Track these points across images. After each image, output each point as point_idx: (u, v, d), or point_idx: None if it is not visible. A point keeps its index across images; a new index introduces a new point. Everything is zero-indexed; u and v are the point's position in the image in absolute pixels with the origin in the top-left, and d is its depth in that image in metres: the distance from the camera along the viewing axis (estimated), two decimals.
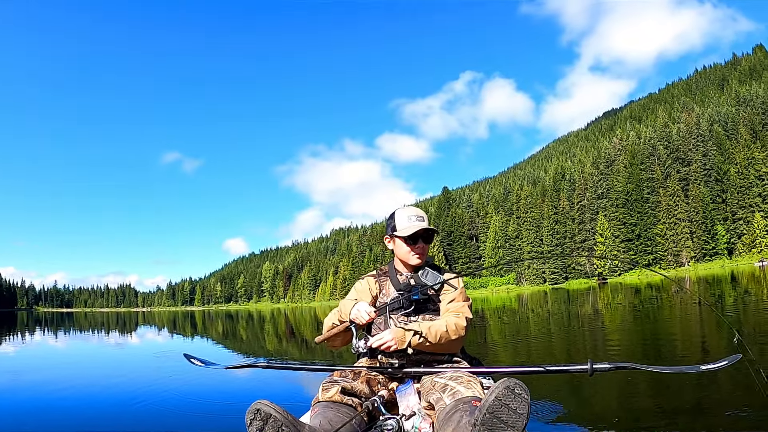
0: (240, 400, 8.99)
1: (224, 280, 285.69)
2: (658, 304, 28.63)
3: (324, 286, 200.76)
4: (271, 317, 56.26)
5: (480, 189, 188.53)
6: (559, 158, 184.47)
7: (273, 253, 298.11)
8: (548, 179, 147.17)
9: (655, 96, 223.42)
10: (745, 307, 20.90)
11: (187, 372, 12.49)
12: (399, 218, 4.03)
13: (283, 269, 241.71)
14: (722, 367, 3.18)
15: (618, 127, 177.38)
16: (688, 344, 12.51)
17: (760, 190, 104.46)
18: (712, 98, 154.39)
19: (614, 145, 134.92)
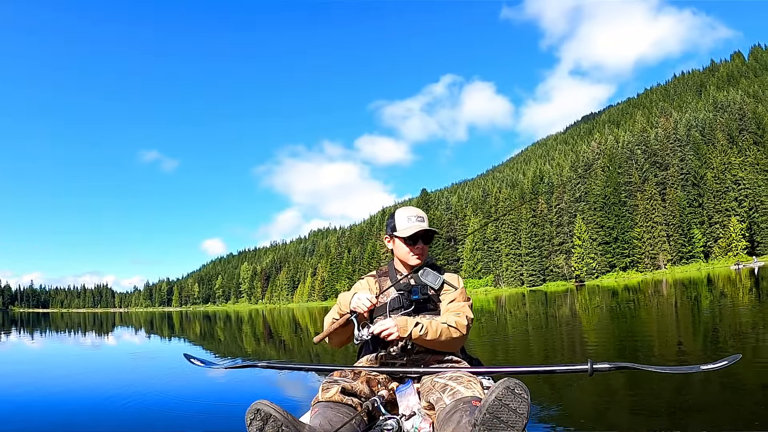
0: (240, 400, 9.07)
1: (202, 281, 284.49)
2: (636, 305, 28.83)
3: (302, 287, 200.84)
4: (249, 318, 56.13)
5: (459, 191, 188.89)
6: (537, 161, 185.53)
7: (251, 254, 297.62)
8: (527, 182, 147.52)
9: (633, 101, 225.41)
10: (721, 309, 21.13)
11: (176, 373, 12.93)
12: (399, 218, 4.05)
13: (261, 270, 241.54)
14: (722, 367, 3.18)
15: (596, 131, 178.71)
16: (665, 344, 12.68)
17: (736, 194, 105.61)
18: (690, 104, 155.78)
19: (592, 149, 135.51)
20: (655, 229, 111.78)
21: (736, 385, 7.03)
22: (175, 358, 16.48)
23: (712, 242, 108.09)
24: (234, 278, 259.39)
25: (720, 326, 15.05)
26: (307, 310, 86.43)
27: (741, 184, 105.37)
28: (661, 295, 35.55)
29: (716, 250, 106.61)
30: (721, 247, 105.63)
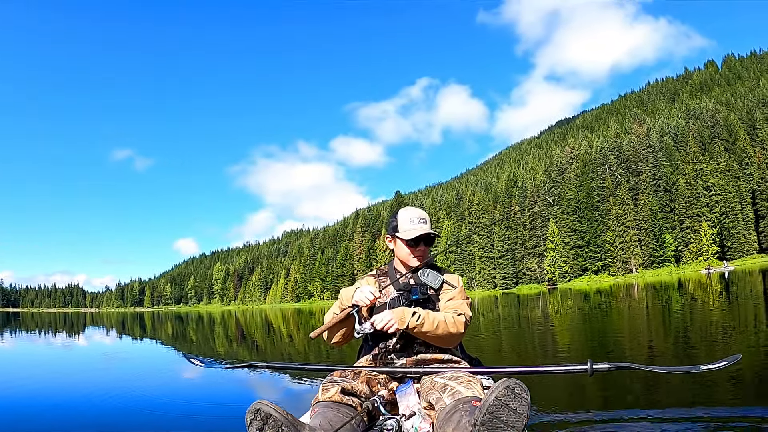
0: (240, 400, 9.16)
1: (174, 281, 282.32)
2: (608, 308, 29.05)
3: (275, 288, 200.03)
4: (222, 319, 55.83)
5: (432, 194, 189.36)
6: (511, 165, 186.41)
7: (224, 255, 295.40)
8: (500, 186, 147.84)
9: (607, 107, 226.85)
10: (691, 312, 21.34)
11: (175, 373, 13.23)
12: (401, 219, 4.05)
13: (234, 271, 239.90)
14: (722, 367, 3.20)
15: (570, 136, 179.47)
16: (637, 346, 12.80)
17: (707, 200, 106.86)
18: (663, 111, 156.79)
19: (566, 154, 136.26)
20: (627, 234, 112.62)
21: (737, 384, 7.08)
22: (157, 359, 16.46)
23: (683, 247, 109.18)
24: (206, 279, 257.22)
25: (690, 328, 15.37)
26: (280, 311, 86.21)
27: (712, 190, 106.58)
28: (632, 298, 35.82)
29: (687, 255, 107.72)
30: (692, 251, 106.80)
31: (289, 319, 46.71)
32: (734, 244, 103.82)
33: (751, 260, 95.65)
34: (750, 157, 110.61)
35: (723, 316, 17.99)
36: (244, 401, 8.99)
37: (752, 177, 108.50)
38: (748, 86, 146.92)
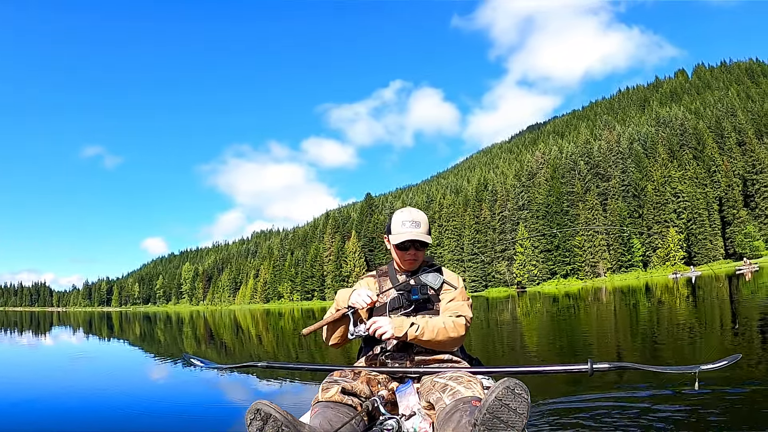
0: (240, 400, 9.20)
1: (143, 281, 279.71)
2: (576, 311, 29.33)
3: (244, 288, 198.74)
4: (190, 320, 55.56)
5: (403, 196, 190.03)
6: (482, 169, 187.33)
7: (193, 254, 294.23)
8: (471, 189, 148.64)
9: (578, 113, 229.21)
10: (658, 314, 21.55)
11: (174, 373, 13.32)
12: (394, 221, 3.99)
13: (203, 271, 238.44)
14: (722, 366, 3.19)
15: (541, 141, 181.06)
16: (604, 346, 13.03)
17: (675, 206, 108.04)
18: (633, 118, 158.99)
19: (537, 159, 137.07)
20: (595, 238, 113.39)
21: (736, 384, 7.04)
22: (143, 360, 16.33)
23: (651, 252, 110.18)
24: (175, 278, 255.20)
25: (657, 331, 15.59)
26: (249, 312, 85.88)
27: (680, 196, 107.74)
28: (600, 301, 36.06)
29: (654, 260, 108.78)
30: (660, 256, 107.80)
31: (258, 320, 46.60)
32: (701, 250, 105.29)
33: (717, 265, 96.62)
34: (718, 165, 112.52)
35: (689, 319, 18.23)
36: (244, 401, 9.09)
37: (719, 184, 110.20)
38: (717, 96, 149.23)
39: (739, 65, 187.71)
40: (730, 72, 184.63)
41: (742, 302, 23.50)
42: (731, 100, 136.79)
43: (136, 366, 16.25)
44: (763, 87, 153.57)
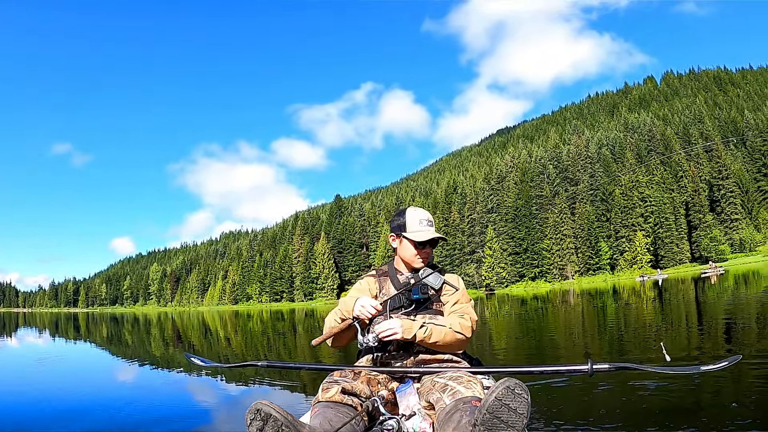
0: (240, 400, 9.22)
1: (110, 281, 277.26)
2: (544, 313, 29.59)
3: (213, 290, 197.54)
4: (158, 321, 55.22)
5: (372, 198, 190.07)
6: (452, 172, 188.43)
7: (161, 255, 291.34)
8: (440, 192, 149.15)
9: (548, 117, 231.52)
10: (625, 316, 21.82)
11: (173, 373, 13.30)
12: (410, 220, 3.97)
13: (171, 272, 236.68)
14: (723, 367, 3.19)
15: (511, 144, 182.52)
16: (571, 347, 13.37)
17: (643, 210, 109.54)
18: (602, 123, 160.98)
19: (506, 162, 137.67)
20: (564, 242, 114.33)
21: (736, 384, 7.13)
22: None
23: (618, 255, 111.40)
24: (143, 279, 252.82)
25: (624, 331, 15.88)
26: (218, 313, 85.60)
27: (647, 201, 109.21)
28: (568, 303, 36.32)
29: (622, 263, 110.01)
30: (627, 259, 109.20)
31: (227, 321, 46.54)
32: (667, 253, 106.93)
33: (683, 268, 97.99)
34: (684, 171, 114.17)
35: (655, 319, 18.67)
36: (244, 401, 9.04)
37: (686, 189, 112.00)
38: (685, 102, 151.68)
39: (707, 73, 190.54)
40: (698, 79, 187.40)
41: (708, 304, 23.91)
42: (699, 107, 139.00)
43: (135, 365, 16.05)
44: (730, 95, 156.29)
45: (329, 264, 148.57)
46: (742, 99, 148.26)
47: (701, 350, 10.55)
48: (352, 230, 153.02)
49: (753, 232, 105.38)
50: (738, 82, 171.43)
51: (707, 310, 20.94)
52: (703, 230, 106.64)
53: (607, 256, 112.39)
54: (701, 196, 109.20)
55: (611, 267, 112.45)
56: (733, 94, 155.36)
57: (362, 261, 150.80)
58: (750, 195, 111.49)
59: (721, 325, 14.56)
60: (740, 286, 34.25)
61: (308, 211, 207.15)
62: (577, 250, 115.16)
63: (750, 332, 12.62)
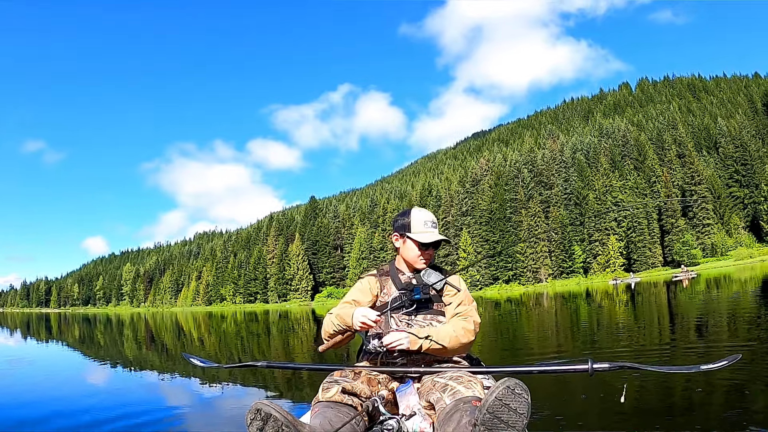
0: (240, 400, 9.35)
1: (82, 281, 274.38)
2: (518, 315, 29.96)
3: (186, 290, 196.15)
4: (131, 322, 55.12)
5: (347, 200, 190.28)
6: (427, 174, 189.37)
7: (134, 255, 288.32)
8: (415, 194, 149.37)
9: (523, 121, 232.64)
10: (599, 317, 22.20)
11: (173, 373, 13.57)
12: (415, 221, 3.96)
13: (144, 272, 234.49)
14: (722, 367, 3.21)
15: (486, 148, 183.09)
16: (544, 347, 13.60)
17: (616, 215, 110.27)
18: (577, 128, 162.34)
19: (481, 166, 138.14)
20: (537, 245, 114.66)
21: (736, 384, 7.17)
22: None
23: (592, 259, 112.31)
24: (116, 279, 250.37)
25: (597, 332, 16.47)
26: (191, 314, 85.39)
27: (620, 205, 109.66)
28: (542, 306, 36.58)
29: (595, 266, 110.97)
30: (600, 263, 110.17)
31: (201, 323, 46.60)
32: (640, 257, 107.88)
33: (656, 272, 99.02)
34: (658, 176, 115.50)
35: (627, 321, 19.29)
36: (244, 401, 9.08)
37: (659, 194, 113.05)
38: (659, 109, 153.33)
39: (682, 80, 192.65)
40: (672, 86, 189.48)
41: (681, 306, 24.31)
42: (673, 113, 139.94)
43: (133, 368, 16.05)
44: (704, 102, 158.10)
45: (303, 265, 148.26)
46: (716, 106, 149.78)
47: (674, 348, 10.74)
48: (327, 232, 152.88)
49: (724, 237, 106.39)
50: (712, 90, 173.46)
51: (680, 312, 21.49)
52: (675, 235, 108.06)
53: (580, 260, 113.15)
54: (674, 202, 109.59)
55: (584, 270, 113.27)
56: (707, 102, 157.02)
57: (336, 263, 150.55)
58: (722, 200, 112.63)
59: (693, 327, 14.95)
60: (712, 290, 34.69)
61: (283, 212, 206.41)
62: (550, 254, 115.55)
63: (722, 332, 12.89)
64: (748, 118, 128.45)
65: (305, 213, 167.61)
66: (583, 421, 5.96)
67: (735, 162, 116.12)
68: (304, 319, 43.32)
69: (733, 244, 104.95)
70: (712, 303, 23.95)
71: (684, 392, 7.05)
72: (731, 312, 18.37)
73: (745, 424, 5.37)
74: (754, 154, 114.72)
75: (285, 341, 22.80)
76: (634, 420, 5.80)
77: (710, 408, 6.15)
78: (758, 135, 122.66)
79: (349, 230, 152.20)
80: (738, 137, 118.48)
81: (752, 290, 29.44)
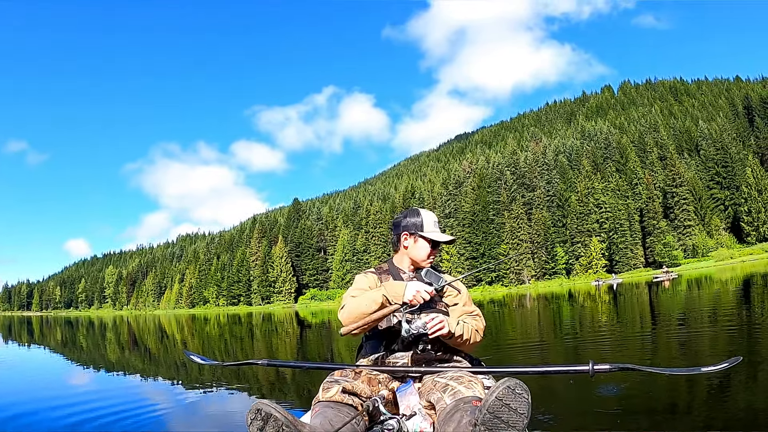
0: (240, 400, 9.29)
1: (64, 284, 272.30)
2: (500, 316, 29.96)
3: (169, 293, 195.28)
4: (114, 325, 54.75)
5: (330, 202, 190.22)
6: (410, 176, 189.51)
7: (117, 257, 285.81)
8: (398, 196, 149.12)
9: (506, 124, 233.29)
10: (581, 318, 22.29)
11: (172, 374, 13.62)
12: (427, 220, 4.00)
13: (126, 274, 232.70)
14: (723, 368, 3.23)
15: (469, 150, 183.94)
16: (527, 348, 13.56)
17: (598, 216, 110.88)
18: (560, 131, 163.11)
19: (464, 168, 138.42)
20: (520, 246, 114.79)
21: (736, 385, 7.19)
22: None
23: (574, 260, 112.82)
24: (98, 282, 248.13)
25: (579, 332, 16.72)
26: (174, 317, 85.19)
27: (602, 207, 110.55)
28: (524, 307, 36.71)
29: (577, 268, 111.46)
30: (582, 264, 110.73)
31: (184, 325, 46.50)
32: (622, 258, 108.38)
33: (637, 273, 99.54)
34: (639, 178, 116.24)
35: (610, 321, 19.44)
36: (244, 401, 9.05)
37: (641, 196, 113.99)
38: (641, 112, 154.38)
39: (663, 83, 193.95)
40: (654, 89, 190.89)
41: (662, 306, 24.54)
42: (654, 116, 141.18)
43: (117, 371, 15.98)
44: (686, 104, 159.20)
45: (287, 268, 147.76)
46: (697, 109, 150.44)
47: (654, 347, 10.79)
48: (310, 234, 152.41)
49: (705, 238, 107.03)
50: (693, 93, 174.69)
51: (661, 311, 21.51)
52: (656, 236, 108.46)
53: (562, 261, 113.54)
54: (655, 203, 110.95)
55: (567, 272, 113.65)
56: (689, 104, 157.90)
57: (320, 265, 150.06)
58: (703, 202, 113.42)
59: (675, 326, 14.98)
60: (693, 290, 34.91)
61: (266, 214, 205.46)
62: (533, 255, 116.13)
63: (704, 336, 12.87)
64: (729, 121, 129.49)
65: (288, 215, 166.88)
66: (583, 421, 5.98)
67: (716, 164, 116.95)
68: (287, 321, 43.26)
69: (714, 245, 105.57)
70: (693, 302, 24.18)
71: (684, 392, 7.07)
72: (712, 312, 18.46)
73: (745, 424, 5.39)
74: (734, 156, 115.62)
75: (269, 343, 22.79)
76: (635, 421, 5.83)
77: (711, 408, 6.16)
78: (739, 138, 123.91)
79: (333, 232, 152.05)
80: (719, 140, 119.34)
81: (733, 290, 29.65)
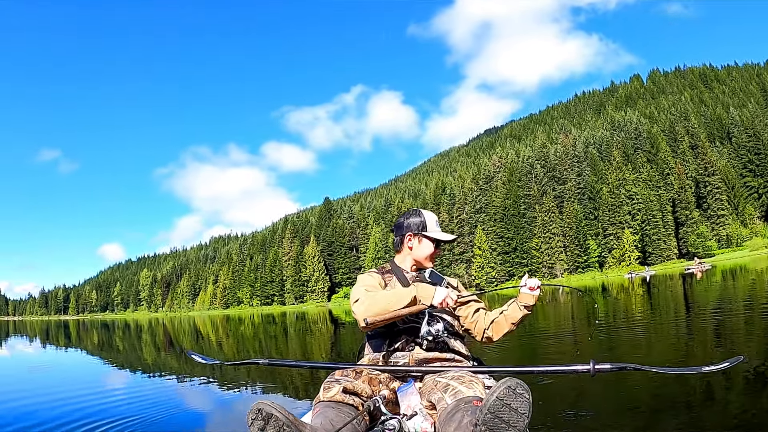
0: (241, 400, 9.14)
1: (100, 288, 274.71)
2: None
3: (203, 294, 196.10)
4: (149, 327, 54.64)
5: (361, 200, 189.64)
6: (440, 173, 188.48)
7: (150, 260, 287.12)
8: (429, 193, 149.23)
9: (535, 117, 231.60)
10: (615, 312, 21.96)
11: (172, 373, 13.44)
12: (429, 221, 4.05)
13: (161, 277, 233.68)
14: (724, 368, 3.20)
15: (498, 144, 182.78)
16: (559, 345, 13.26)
17: (630, 208, 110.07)
18: (589, 122, 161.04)
19: (494, 162, 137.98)
20: (552, 240, 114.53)
21: (737, 385, 7.11)
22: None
23: (607, 253, 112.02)
24: (133, 285, 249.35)
25: (614, 326, 15.88)
26: (209, 318, 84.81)
27: (634, 198, 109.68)
28: (557, 301, 36.24)
29: (610, 260, 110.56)
30: (615, 257, 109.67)
31: (218, 326, 46.25)
32: (655, 250, 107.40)
33: (671, 265, 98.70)
34: (671, 168, 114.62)
35: (644, 315, 18.92)
36: (245, 400, 9.04)
37: (672, 186, 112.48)
38: (671, 100, 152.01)
39: (693, 70, 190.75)
40: (683, 77, 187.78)
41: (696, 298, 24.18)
42: (684, 104, 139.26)
43: (128, 371, 15.88)
44: (716, 92, 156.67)
45: (319, 267, 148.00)
46: (728, 96, 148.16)
47: (690, 347, 10.73)
48: (342, 232, 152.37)
49: (739, 227, 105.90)
50: (723, 79, 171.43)
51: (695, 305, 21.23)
52: (689, 227, 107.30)
53: (595, 254, 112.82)
54: (687, 193, 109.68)
55: (600, 265, 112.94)
56: (719, 91, 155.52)
57: (352, 263, 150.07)
58: (736, 191, 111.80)
59: (710, 320, 14.76)
60: (728, 281, 34.45)
61: (298, 214, 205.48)
62: (565, 249, 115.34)
63: (739, 329, 12.65)
64: (760, 107, 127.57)
65: (320, 214, 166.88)
66: (584, 421, 5.91)
67: (748, 152, 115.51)
68: (321, 320, 42.99)
69: (748, 235, 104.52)
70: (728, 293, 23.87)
71: (684, 393, 6.86)
72: (748, 305, 18.09)
73: (746, 424, 5.38)
74: (767, 143, 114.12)
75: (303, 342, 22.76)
76: (636, 420, 5.83)
77: (711, 409, 6.12)
78: None
79: (364, 230, 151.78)
80: (751, 126, 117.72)
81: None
